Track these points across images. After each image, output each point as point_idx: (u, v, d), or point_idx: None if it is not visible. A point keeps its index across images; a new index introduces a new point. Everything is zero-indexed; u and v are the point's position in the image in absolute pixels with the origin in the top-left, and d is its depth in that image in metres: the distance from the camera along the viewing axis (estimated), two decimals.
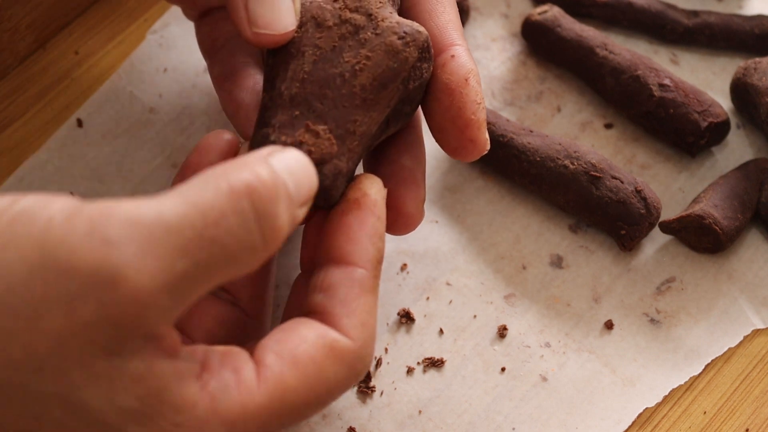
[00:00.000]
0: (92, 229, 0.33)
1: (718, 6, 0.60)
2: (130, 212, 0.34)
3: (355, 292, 0.40)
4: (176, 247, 0.34)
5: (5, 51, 0.55)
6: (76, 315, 0.33)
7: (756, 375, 0.51)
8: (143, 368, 0.34)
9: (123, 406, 0.34)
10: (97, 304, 0.33)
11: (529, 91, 0.57)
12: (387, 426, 0.49)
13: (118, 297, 0.33)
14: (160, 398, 0.35)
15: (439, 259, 0.52)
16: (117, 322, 0.33)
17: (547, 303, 0.52)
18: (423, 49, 0.43)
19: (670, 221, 0.52)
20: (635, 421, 0.49)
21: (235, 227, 0.35)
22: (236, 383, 0.37)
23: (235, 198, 0.35)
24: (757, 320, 0.52)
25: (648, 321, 0.51)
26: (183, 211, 0.34)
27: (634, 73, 0.54)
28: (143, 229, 0.34)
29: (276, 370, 0.37)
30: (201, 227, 0.34)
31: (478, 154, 0.45)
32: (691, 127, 0.54)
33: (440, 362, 0.50)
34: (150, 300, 0.34)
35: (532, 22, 0.57)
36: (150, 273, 0.33)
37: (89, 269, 0.33)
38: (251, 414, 0.37)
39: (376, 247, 0.41)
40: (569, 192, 0.52)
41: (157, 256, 0.34)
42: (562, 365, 0.50)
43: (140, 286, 0.33)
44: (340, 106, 0.42)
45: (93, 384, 0.34)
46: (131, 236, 0.33)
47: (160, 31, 0.58)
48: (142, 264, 0.33)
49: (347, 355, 0.39)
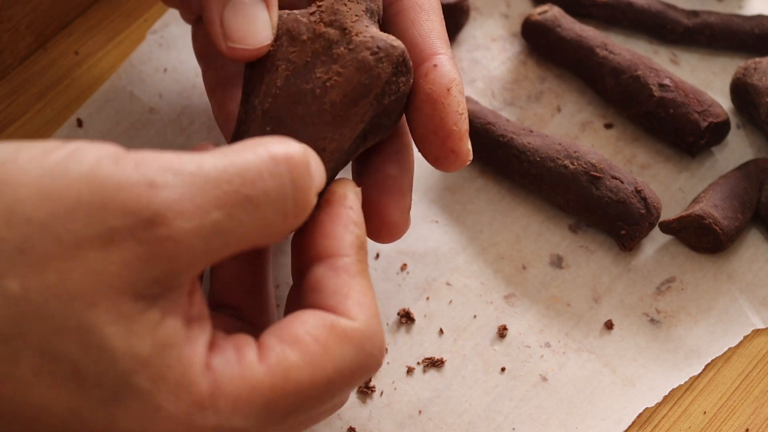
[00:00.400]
0: (139, 171, 0.35)
1: (718, 6, 0.60)
2: (173, 161, 0.36)
3: (342, 279, 0.40)
4: (214, 198, 0.35)
5: (5, 51, 0.55)
6: (115, 250, 0.34)
7: (756, 375, 0.51)
8: (160, 319, 0.35)
9: (136, 352, 0.35)
10: (136, 241, 0.34)
11: (529, 91, 0.57)
12: (387, 426, 0.49)
13: (157, 236, 0.34)
14: (169, 353, 0.35)
15: (439, 259, 0.52)
16: (151, 260, 0.35)
17: (547, 303, 0.52)
18: (398, 64, 0.42)
19: (670, 221, 0.52)
20: (635, 421, 0.49)
21: (271, 190, 0.37)
22: (238, 360, 0.37)
23: (275, 163, 0.37)
24: (757, 320, 0.52)
25: (648, 321, 0.51)
26: (222, 166, 0.36)
27: (634, 73, 0.54)
28: (185, 176, 0.35)
29: (277, 349, 0.38)
30: (239, 183, 0.36)
31: (460, 165, 0.45)
32: (691, 127, 0.54)
33: (440, 362, 0.50)
34: (185, 242, 0.35)
35: (532, 22, 0.57)
36: (188, 217, 0.35)
37: (133, 207, 0.34)
38: (255, 390, 0.37)
39: (354, 234, 0.41)
40: (569, 192, 0.52)
41: (195, 202, 0.35)
42: (562, 365, 0.50)
43: (178, 227, 0.35)
44: (310, 123, 0.41)
45: (116, 322, 0.34)
46: (174, 181, 0.35)
47: (160, 31, 0.58)
48: (182, 207, 0.35)
49: (352, 334, 0.38)
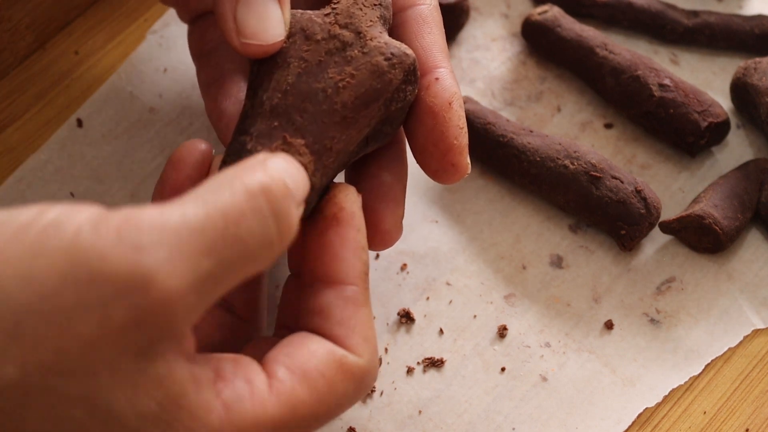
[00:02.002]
0: (120, 236, 0.34)
1: (718, 6, 0.60)
2: (155, 218, 0.35)
3: (350, 310, 0.40)
4: (202, 248, 0.35)
5: (5, 51, 0.55)
6: (109, 319, 0.34)
7: (756, 375, 0.51)
8: (165, 371, 0.35)
9: (143, 410, 0.35)
10: (130, 308, 0.34)
11: (529, 91, 0.57)
12: (387, 426, 0.49)
13: (151, 300, 0.34)
14: (178, 403, 0.35)
15: (439, 259, 0.52)
16: (148, 324, 0.34)
17: (547, 303, 0.52)
18: (409, 72, 0.43)
19: (670, 221, 0.52)
20: (635, 421, 0.49)
21: (254, 225, 0.36)
22: (250, 394, 0.37)
23: (252, 198, 0.36)
24: (757, 320, 0.52)
25: (648, 321, 0.51)
26: (205, 213, 0.35)
27: (634, 73, 0.54)
28: (170, 233, 0.35)
29: (287, 384, 0.38)
30: (222, 227, 0.35)
31: (458, 178, 0.45)
32: (691, 127, 0.54)
33: (440, 362, 0.50)
34: (179, 301, 0.34)
35: (532, 22, 0.57)
36: (179, 275, 0.34)
37: (121, 274, 0.34)
38: (264, 425, 0.37)
39: (362, 261, 0.41)
40: (569, 192, 0.52)
41: (184, 258, 0.34)
42: (562, 365, 0.50)
43: (171, 287, 0.34)
44: (320, 121, 0.41)
45: (119, 386, 0.34)
46: (159, 241, 0.34)
47: (160, 31, 0.58)
48: (172, 267, 0.34)
49: (357, 372, 0.39)
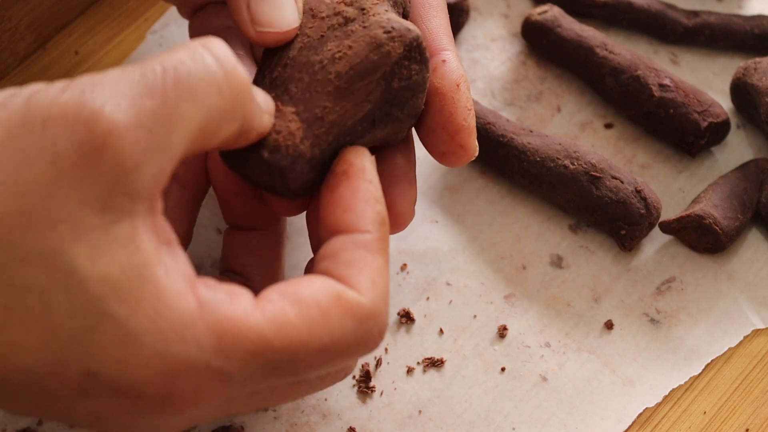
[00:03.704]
0: (68, 83, 0.36)
1: (718, 6, 0.60)
2: (99, 74, 0.36)
3: (360, 253, 0.39)
4: (143, 89, 0.36)
5: (5, 51, 0.55)
6: (61, 160, 0.34)
7: (756, 375, 0.51)
8: (128, 233, 0.35)
9: (105, 273, 0.34)
10: (78, 145, 0.34)
11: (529, 91, 0.57)
12: (387, 426, 0.49)
13: (96, 133, 0.34)
14: (141, 275, 0.35)
15: (439, 259, 0.52)
16: (99, 163, 0.34)
17: (547, 303, 0.52)
18: (411, 48, 0.42)
19: (670, 221, 0.52)
20: (635, 421, 0.49)
21: (196, 69, 0.37)
22: (230, 300, 0.36)
23: (191, 47, 0.37)
24: (757, 320, 0.52)
25: (648, 321, 0.51)
26: (141, 66, 0.36)
27: (634, 73, 0.54)
28: (111, 77, 0.36)
29: (277, 303, 0.37)
30: (161, 71, 0.36)
31: (467, 160, 0.45)
32: (691, 127, 0.54)
33: (440, 362, 0.50)
34: (126, 135, 0.35)
35: (532, 22, 0.57)
36: (123, 110, 0.35)
37: (69, 113, 0.35)
38: (243, 333, 0.36)
39: (375, 210, 0.40)
40: (569, 192, 0.52)
41: (126, 97, 0.35)
42: (562, 365, 0.50)
43: (115, 120, 0.35)
44: (312, 90, 0.41)
45: (79, 241, 0.34)
46: (102, 82, 0.36)
47: (160, 31, 0.58)
48: (114, 103, 0.35)
49: (356, 309, 0.38)
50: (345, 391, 0.49)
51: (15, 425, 0.47)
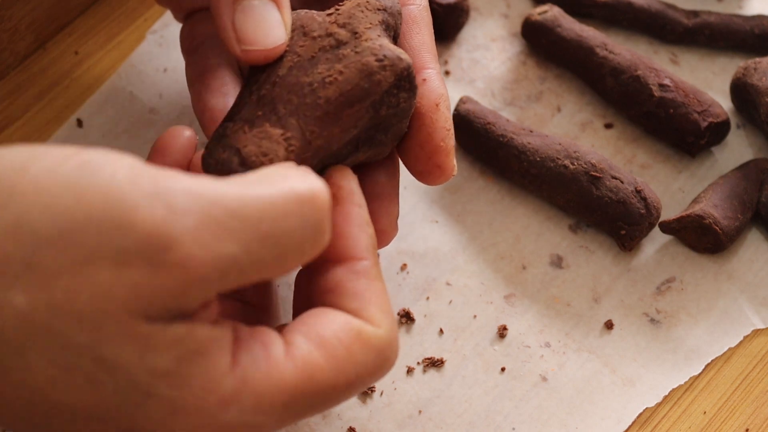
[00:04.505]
0: (156, 192, 0.34)
1: (718, 6, 0.60)
2: (193, 185, 0.35)
3: (363, 283, 0.40)
4: (233, 231, 0.34)
5: (5, 51, 0.55)
6: (125, 271, 0.33)
7: (756, 375, 0.51)
8: (183, 332, 0.35)
9: (155, 367, 0.34)
10: (148, 265, 0.33)
11: (529, 91, 0.57)
12: (387, 426, 0.49)
13: (169, 261, 0.33)
14: (194, 362, 0.35)
15: (439, 259, 0.52)
16: (162, 286, 0.34)
17: (547, 303, 0.52)
18: (401, 78, 0.42)
19: (670, 221, 0.52)
20: (635, 421, 0.49)
21: (293, 229, 0.36)
22: (265, 357, 0.37)
23: (299, 202, 0.36)
24: (757, 320, 0.52)
25: (648, 321, 0.51)
26: (245, 199, 0.35)
27: (634, 73, 0.54)
28: (205, 204, 0.34)
29: (304, 349, 0.37)
30: (260, 219, 0.35)
31: (444, 180, 0.45)
32: (691, 127, 0.54)
33: (440, 362, 0.50)
34: (198, 271, 0.34)
35: (532, 22, 0.57)
36: (203, 246, 0.34)
37: (147, 230, 0.33)
38: (279, 388, 0.37)
39: (368, 235, 0.41)
40: (569, 192, 0.52)
41: (212, 233, 0.34)
42: (562, 365, 0.50)
43: (192, 255, 0.34)
44: (301, 114, 0.41)
45: (128, 344, 0.34)
46: (192, 208, 0.34)
47: (160, 31, 0.58)
48: (198, 236, 0.34)
49: (376, 341, 0.39)
50: None
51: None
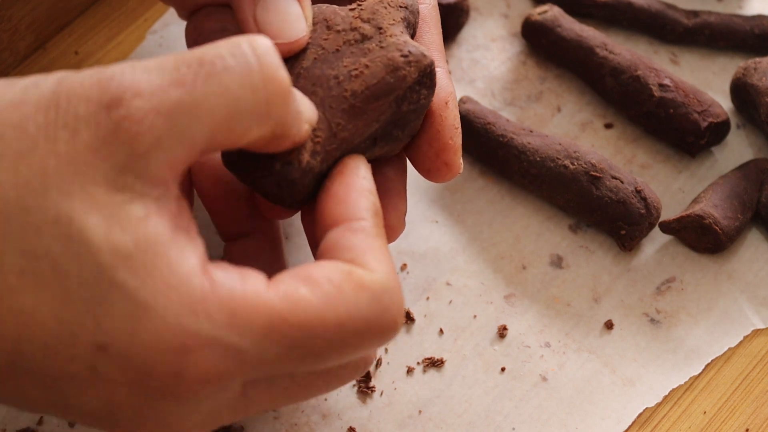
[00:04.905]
0: (98, 70, 0.36)
1: (718, 6, 0.60)
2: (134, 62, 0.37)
3: (359, 237, 0.39)
4: (171, 78, 0.36)
5: (5, 51, 0.55)
6: (79, 137, 0.35)
7: (756, 375, 0.51)
8: (142, 213, 0.35)
9: (118, 244, 0.35)
10: (96, 125, 0.35)
11: (529, 91, 0.57)
12: (387, 426, 0.49)
13: (115, 117, 0.35)
14: (155, 250, 0.35)
15: (439, 259, 0.52)
16: (113, 142, 0.35)
17: (547, 303, 0.52)
18: (424, 74, 0.42)
19: (670, 221, 0.52)
20: (635, 421, 0.49)
21: (233, 65, 0.37)
22: (243, 279, 0.36)
23: (234, 42, 0.37)
24: (757, 320, 0.52)
25: (648, 321, 0.51)
26: (180, 55, 0.37)
27: (634, 73, 0.54)
28: (142, 66, 0.36)
29: (289, 282, 0.37)
30: (197, 63, 0.36)
31: (451, 177, 0.45)
32: (691, 127, 0.54)
33: (440, 362, 0.50)
34: (145, 121, 0.35)
35: (532, 22, 0.57)
36: (145, 96, 0.35)
37: (92, 93, 0.36)
38: (257, 308, 0.36)
39: (369, 200, 0.40)
40: (569, 192, 0.52)
41: (152, 83, 0.36)
42: (562, 365, 0.50)
43: (135, 106, 0.35)
44: (327, 106, 0.41)
45: (93, 211, 0.35)
46: (132, 69, 0.36)
47: (160, 32, 0.58)
48: (138, 88, 0.36)
49: (369, 283, 0.38)
50: (345, 391, 0.49)
51: (15, 425, 0.47)
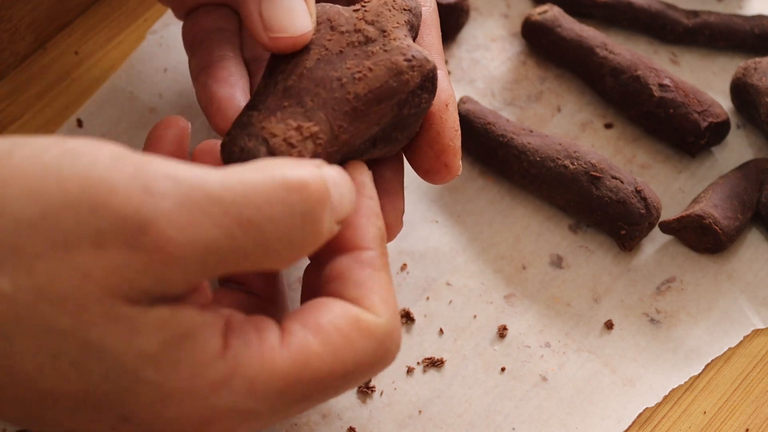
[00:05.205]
0: (135, 175, 0.34)
1: (718, 6, 0.60)
2: (176, 169, 0.34)
3: (366, 272, 0.39)
4: (212, 215, 0.34)
5: (5, 51, 0.55)
6: (103, 253, 0.33)
7: (756, 375, 0.51)
8: (167, 315, 0.34)
9: (142, 350, 0.34)
10: (125, 246, 0.33)
11: (529, 91, 0.57)
12: (387, 426, 0.49)
13: (146, 243, 0.33)
14: (181, 345, 0.35)
15: (439, 259, 0.52)
16: (141, 268, 0.33)
17: (547, 303, 0.52)
18: (426, 79, 0.42)
19: (670, 221, 0.52)
20: (635, 421, 0.49)
21: (278, 217, 0.35)
22: (259, 343, 0.36)
23: (286, 189, 0.35)
24: (757, 320, 0.52)
25: (648, 321, 0.51)
26: (227, 184, 0.35)
27: (634, 73, 0.54)
28: (185, 187, 0.34)
29: (300, 336, 0.37)
30: (242, 204, 0.34)
31: (450, 179, 0.45)
32: (691, 127, 0.54)
33: (440, 362, 0.50)
34: (177, 254, 0.34)
35: (532, 22, 0.57)
36: (180, 230, 0.33)
37: (124, 212, 0.33)
38: (273, 374, 0.36)
39: (376, 227, 0.41)
40: (569, 192, 0.52)
41: (191, 216, 0.34)
42: (562, 365, 0.50)
43: (168, 238, 0.33)
44: (329, 108, 0.41)
45: (112, 326, 0.34)
46: (171, 191, 0.34)
47: (160, 32, 0.58)
48: (175, 218, 0.33)
49: (374, 330, 0.38)
50: None
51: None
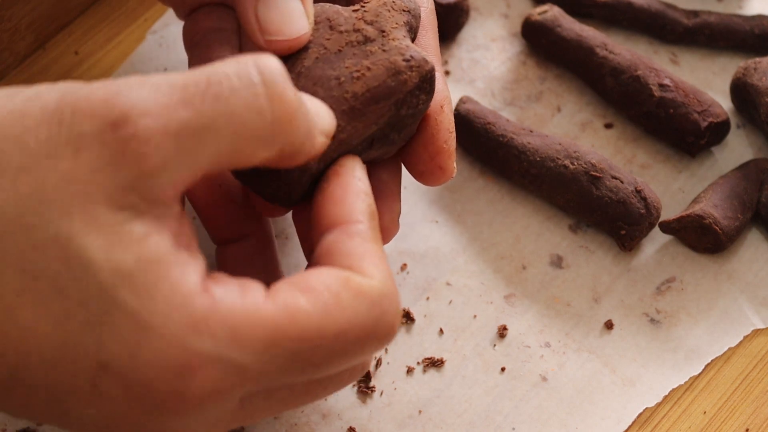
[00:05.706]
0: (106, 84, 0.36)
1: (718, 6, 0.60)
2: (141, 78, 0.36)
3: (357, 241, 0.39)
4: (179, 98, 0.35)
5: (5, 51, 0.55)
6: (83, 155, 0.34)
7: (756, 375, 0.51)
8: (144, 231, 0.35)
9: (119, 263, 0.34)
10: (101, 144, 0.34)
11: (529, 91, 0.57)
12: (387, 426, 0.49)
13: (122, 136, 0.34)
14: (156, 269, 0.35)
15: (439, 259, 0.52)
16: (120, 163, 0.34)
17: (547, 303, 0.52)
18: (424, 79, 0.42)
19: (670, 221, 0.52)
20: (635, 421, 0.49)
21: (238, 84, 0.36)
22: (241, 292, 0.36)
23: (240, 63, 0.37)
24: (757, 320, 0.52)
25: (648, 321, 0.51)
26: (188, 74, 0.36)
27: (634, 73, 0.54)
28: (151, 83, 0.36)
29: (287, 292, 0.37)
30: (204, 84, 0.36)
31: (444, 181, 0.45)
32: (691, 127, 0.54)
33: (440, 362, 0.50)
34: (152, 141, 0.35)
35: (532, 22, 0.57)
36: (153, 115, 0.35)
37: (99, 111, 0.35)
38: (257, 323, 0.35)
39: (365, 202, 0.40)
40: (569, 192, 0.52)
41: (160, 102, 0.35)
42: (562, 365, 0.50)
43: (143, 126, 0.35)
44: (328, 107, 0.41)
45: (94, 231, 0.34)
46: (140, 86, 0.35)
47: (160, 32, 0.58)
48: (146, 107, 0.35)
49: (367, 290, 0.38)
50: (345, 391, 0.49)
51: (15, 425, 0.47)
